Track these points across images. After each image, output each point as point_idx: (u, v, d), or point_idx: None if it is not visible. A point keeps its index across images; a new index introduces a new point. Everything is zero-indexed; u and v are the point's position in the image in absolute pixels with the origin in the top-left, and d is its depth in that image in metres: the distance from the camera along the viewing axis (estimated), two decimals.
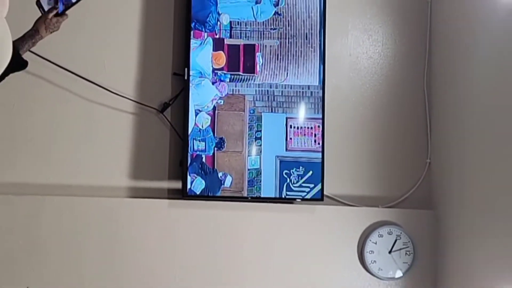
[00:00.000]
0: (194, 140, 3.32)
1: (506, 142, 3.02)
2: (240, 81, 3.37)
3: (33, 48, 2.51)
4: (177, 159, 3.38)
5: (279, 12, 3.42)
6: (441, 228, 3.50)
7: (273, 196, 3.37)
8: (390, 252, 3.44)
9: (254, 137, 3.37)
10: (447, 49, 3.56)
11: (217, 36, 3.36)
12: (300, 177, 3.37)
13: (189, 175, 3.28)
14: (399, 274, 3.45)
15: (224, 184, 3.32)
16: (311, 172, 3.38)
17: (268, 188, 3.35)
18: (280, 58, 3.41)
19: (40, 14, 2.32)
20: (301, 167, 3.38)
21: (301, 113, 3.41)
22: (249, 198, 3.35)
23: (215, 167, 3.31)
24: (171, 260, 3.32)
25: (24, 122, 3.33)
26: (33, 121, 3.34)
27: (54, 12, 2.39)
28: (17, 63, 2.07)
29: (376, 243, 3.43)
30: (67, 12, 2.38)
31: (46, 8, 2.34)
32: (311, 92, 3.41)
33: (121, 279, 3.28)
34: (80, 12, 2.56)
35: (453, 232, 3.42)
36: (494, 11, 3.13)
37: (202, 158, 3.30)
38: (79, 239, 3.25)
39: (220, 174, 3.31)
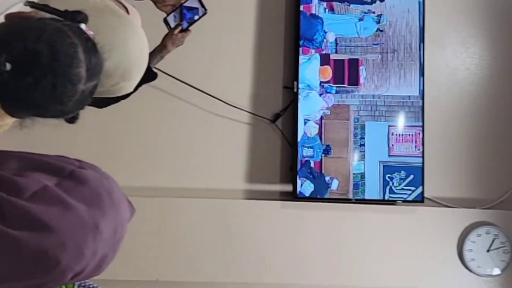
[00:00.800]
0: (303, 147, 3.39)
1: None
2: (345, 93, 3.45)
3: (158, 65, 2.56)
4: (288, 164, 3.48)
5: (381, 29, 3.48)
6: None
7: (376, 198, 3.45)
8: (488, 250, 3.47)
9: (359, 144, 3.44)
10: None
11: (324, 52, 3.45)
12: (402, 181, 3.44)
13: (299, 178, 3.38)
14: (497, 271, 3.48)
15: (331, 187, 3.41)
16: (412, 175, 3.45)
17: (372, 190, 3.43)
18: (382, 71, 3.47)
19: (167, 31, 2.38)
20: (402, 171, 3.44)
21: (402, 121, 3.47)
22: (354, 200, 3.44)
23: (323, 171, 3.41)
24: (282, 255, 3.41)
25: (153, 131, 3.47)
26: (161, 131, 3.48)
27: (179, 28, 2.44)
28: (148, 75, 2.10)
29: (474, 242, 3.47)
30: (190, 28, 2.43)
31: (172, 25, 2.38)
32: (412, 102, 3.47)
33: (238, 273, 3.40)
34: (201, 32, 2.61)
35: None
36: None
37: (310, 163, 3.41)
38: (201, 236, 3.38)
39: (327, 178, 3.41)
